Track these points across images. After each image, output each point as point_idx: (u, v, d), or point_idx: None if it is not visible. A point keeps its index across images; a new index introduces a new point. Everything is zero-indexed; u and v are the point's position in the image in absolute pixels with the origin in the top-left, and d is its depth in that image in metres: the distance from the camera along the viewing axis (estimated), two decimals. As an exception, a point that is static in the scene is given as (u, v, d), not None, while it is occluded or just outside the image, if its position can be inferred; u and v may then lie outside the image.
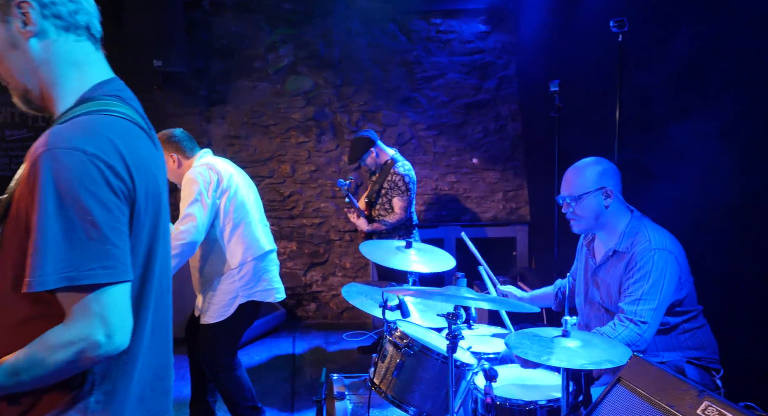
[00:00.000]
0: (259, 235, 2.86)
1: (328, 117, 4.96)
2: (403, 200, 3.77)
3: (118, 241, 0.97)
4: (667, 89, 2.81)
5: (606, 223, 2.09)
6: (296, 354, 4.36)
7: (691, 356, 2.01)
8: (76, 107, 1.06)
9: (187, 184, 2.66)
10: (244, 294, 2.77)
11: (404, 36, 4.88)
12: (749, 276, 2.35)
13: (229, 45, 4.80)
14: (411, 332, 2.09)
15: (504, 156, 5.00)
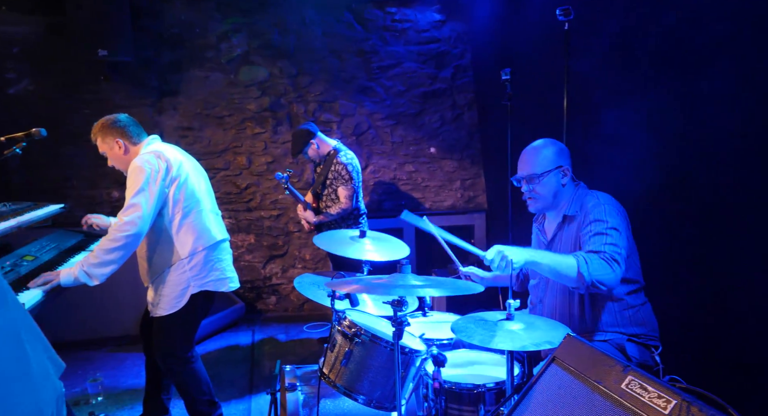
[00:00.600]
0: (211, 224, 2.80)
1: (284, 107, 4.89)
2: (348, 189, 3.77)
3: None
4: (605, 75, 2.87)
5: (561, 201, 2.16)
6: (255, 348, 4.31)
7: (632, 333, 2.08)
8: None
9: (133, 173, 2.56)
10: (195, 284, 2.71)
11: (360, 25, 4.85)
12: (685, 255, 2.44)
13: (179, 34, 4.67)
14: (360, 321, 2.09)
15: (461, 145, 5.04)
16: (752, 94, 2.09)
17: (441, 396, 1.98)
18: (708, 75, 2.27)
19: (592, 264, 1.90)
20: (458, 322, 1.89)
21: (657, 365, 2.06)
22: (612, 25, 2.81)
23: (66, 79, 4.52)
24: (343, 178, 3.76)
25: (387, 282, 1.80)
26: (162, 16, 4.61)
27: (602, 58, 2.89)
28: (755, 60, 2.07)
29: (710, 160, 2.31)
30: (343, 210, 3.80)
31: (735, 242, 2.20)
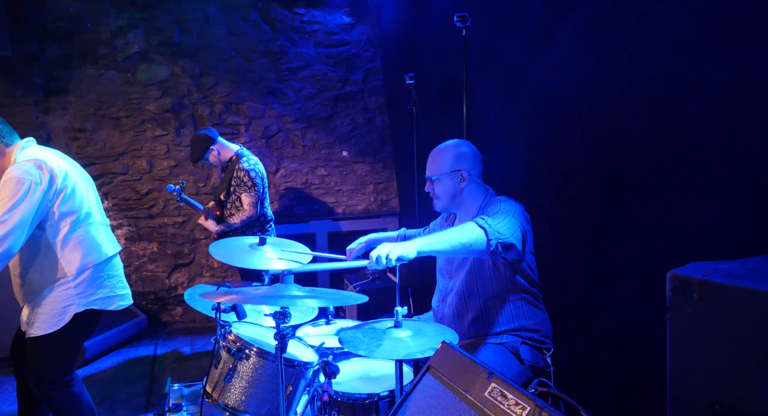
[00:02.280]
0: (101, 238, 2.55)
1: (188, 108, 4.66)
2: (251, 196, 3.61)
3: None
4: (504, 81, 2.93)
5: (462, 203, 2.16)
6: (156, 363, 4.05)
7: (527, 337, 2.10)
8: None
9: (9, 184, 2.26)
10: (80, 302, 2.45)
11: (267, 25, 4.71)
12: (577, 258, 2.52)
13: (67, 27, 4.32)
14: (246, 334, 1.98)
15: (373, 148, 5.02)
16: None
17: (333, 408, 1.92)
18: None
19: (488, 219, 1.89)
20: (346, 333, 1.83)
21: (548, 367, 2.09)
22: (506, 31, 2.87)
23: (-67, 74, 4.06)
24: (245, 185, 3.60)
25: (267, 293, 1.71)
26: (46, 7, 4.25)
27: (495, 62, 2.95)
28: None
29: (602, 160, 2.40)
30: (248, 218, 3.65)
31: (617, 242, 2.29)
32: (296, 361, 1.91)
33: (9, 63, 4.16)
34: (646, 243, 2.09)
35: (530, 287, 2.11)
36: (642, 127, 2.09)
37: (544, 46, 2.61)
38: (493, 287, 2.08)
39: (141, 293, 4.74)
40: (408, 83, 3.49)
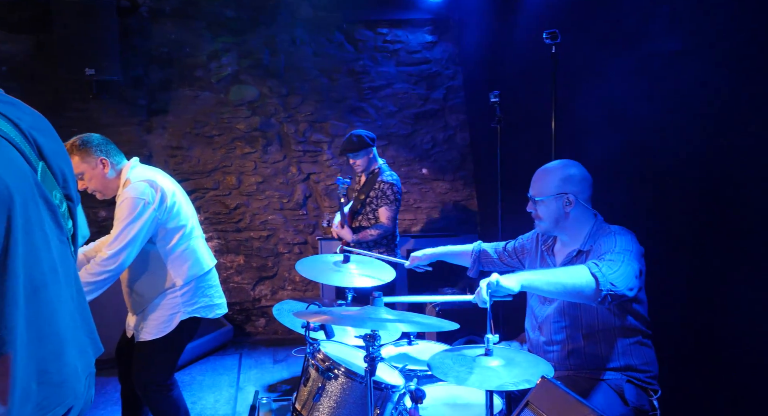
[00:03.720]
0: (202, 252, 2.75)
1: (275, 127, 4.85)
2: (391, 210, 3.61)
3: None
4: (597, 100, 2.82)
5: (567, 228, 2.06)
6: (241, 373, 4.20)
7: (633, 376, 1.97)
8: None
9: (126, 203, 2.47)
10: (185, 310, 2.64)
11: (351, 45, 4.83)
12: (687, 291, 2.34)
13: (169, 53, 4.65)
14: (334, 354, 2.00)
15: (453, 166, 4.99)
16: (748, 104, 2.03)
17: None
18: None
19: (603, 266, 1.78)
20: (435, 358, 1.81)
21: (655, 410, 1.95)
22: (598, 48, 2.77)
23: (54, 98, 4.49)
24: (388, 198, 3.60)
25: (357, 315, 1.72)
26: (151, 35, 4.60)
27: (595, 82, 2.85)
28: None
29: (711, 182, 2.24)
30: (384, 231, 3.63)
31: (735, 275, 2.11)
32: (383, 384, 1.91)
33: (118, 87, 4.53)
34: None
35: (639, 324, 1.98)
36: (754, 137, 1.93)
37: (641, 61, 2.49)
38: (598, 321, 1.96)
39: (227, 304, 4.94)
40: (492, 101, 3.43)
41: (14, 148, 1.17)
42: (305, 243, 5.00)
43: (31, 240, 1.18)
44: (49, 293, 1.23)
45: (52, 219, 1.26)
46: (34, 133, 1.25)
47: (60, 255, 1.28)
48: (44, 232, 1.22)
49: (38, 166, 1.24)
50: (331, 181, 4.95)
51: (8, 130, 1.18)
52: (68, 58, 4.04)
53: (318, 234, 4.92)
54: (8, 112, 1.20)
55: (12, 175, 1.15)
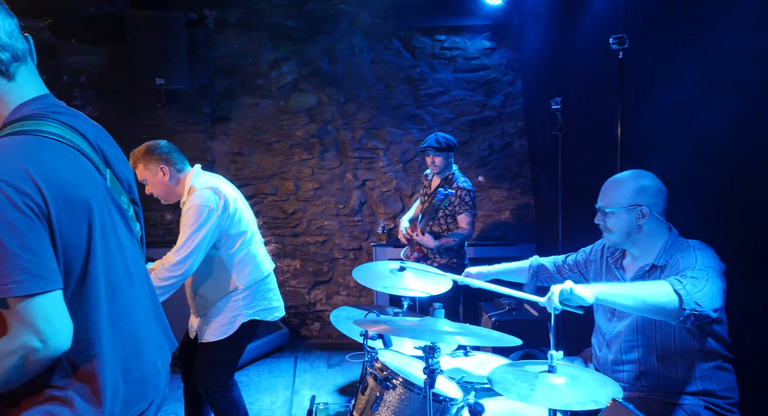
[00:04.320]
0: (262, 257, 2.83)
1: (331, 134, 4.92)
2: (471, 215, 3.64)
3: (30, 255, 1.06)
4: (669, 106, 2.69)
5: (639, 241, 1.97)
6: (296, 376, 4.27)
7: (711, 401, 1.86)
8: (0, 131, 1.18)
9: (192, 210, 2.56)
10: (246, 312, 2.72)
11: (408, 52, 4.84)
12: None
13: (233, 62, 4.81)
14: (392, 363, 2.00)
15: (511, 174, 4.90)
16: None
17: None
18: None
19: (687, 284, 1.69)
20: (496, 372, 1.77)
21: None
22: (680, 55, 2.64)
23: (126, 106, 4.73)
24: (467, 204, 3.63)
25: (417, 326, 1.71)
26: (216, 46, 4.77)
27: (667, 88, 2.72)
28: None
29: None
30: (466, 237, 3.65)
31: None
32: (442, 397, 1.89)
33: (185, 95, 4.73)
34: None
35: (719, 347, 1.87)
36: None
37: (717, 62, 2.36)
38: (675, 341, 1.86)
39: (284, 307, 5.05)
40: (554, 108, 3.36)
41: (86, 158, 1.24)
42: (360, 249, 5.04)
43: (108, 245, 1.24)
44: (126, 294, 1.29)
45: (123, 223, 1.32)
46: (99, 142, 1.32)
47: (132, 257, 1.35)
48: (117, 236, 1.29)
49: (106, 173, 1.31)
50: (386, 188, 4.97)
51: (78, 141, 1.24)
52: (140, 69, 4.25)
53: (373, 240, 4.95)
54: (75, 124, 1.26)
55: (88, 185, 1.21)
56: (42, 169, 1.10)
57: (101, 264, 1.21)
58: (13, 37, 1.19)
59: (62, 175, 1.14)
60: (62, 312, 1.11)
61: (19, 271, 1.04)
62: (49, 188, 1.09)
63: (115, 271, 1.26)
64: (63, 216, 1.12)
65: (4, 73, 1.19)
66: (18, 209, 1.05)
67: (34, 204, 1.07)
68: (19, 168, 1.07)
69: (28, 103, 1.21)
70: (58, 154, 1.17)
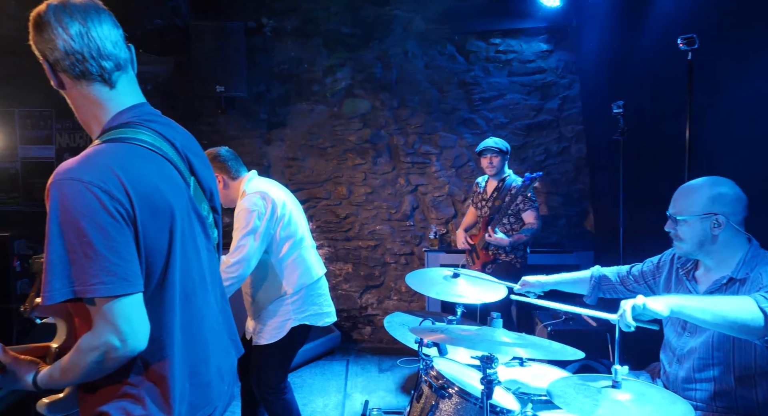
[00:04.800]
0: (312, 261, 2.85)
1: (384, 139, 4.94)
2: (536, 210, 3.79)
3: (117, 259, 1.11)
4: (743, 109, 2.54)
5: (713, 252, 1.87)
6: (348, 379, 4.30)
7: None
8: (99, 137, 1.25)
9: (241, 214, 2.63)
10: (295, 317, 2.75)
11: (462, 56, 4.80)
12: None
13: (289, 69, 4.92)
14: (448, 372, 1.98)
15: (567, 179, 4.76)
16: None
17: (535, 463, 1.81)
18: None
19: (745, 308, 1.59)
20: (556, 384, 1.72)
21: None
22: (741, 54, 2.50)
23: (189, 113, 4.92)
24: (529, 200, 3.75)
25: (474, 336, 1.68)
26: (273, 53, 4.89)
27: (740, 91, 2.58)
28: None
29: None
30: (536, 231, 3.80)
31: None
32: (499, 408, 1.85)
33: (243, 102, 4.87)
34: None
35: None
36: None
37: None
38: (756, 362, 1.74)
39: (336, 310, 5.11)
40: (615, 112, 3.25)
41: (173, 166, 1.29)
42: (411, 254, 5.03)
43: (186, 251, 1.28)
44: (199, 299, 1.33)
45: (202, 230, 1.36)
46: (187, 151, 1.37)
47: (207, 263, 1.38)
48: (195, 243, 1.33)
49: (191, 181, 1.35)
50: (439, 193, 4.94)
51: (167, 149, 1.30)
52: (202, 77, 4.41)
53: (425, 245, 4.93)
54: (165, 131, 1.32)
55: (173, 192, 1.25)
56: (132, 177, 1.15)
57: (179, 270, 1.25)
58: (117, 46, 1.24)
59: (150, 183, 1.19)
60: (142, 313, 1.16)
61: (106, 273, 1.09)
62: (137, 195, 1.15)
63: (191, 277, 1.30)
64: (148, 222, 1.17)
65: (107, 80, 1.24)
66: (110, 214, 1.10)
67: (123, 209, 1.12)
68: (112, 175, 1.13)
69: (126, 111, 1.27)
70: (147, 162, 1.22)
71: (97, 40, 1.21)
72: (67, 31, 1.19)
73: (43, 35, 1.20)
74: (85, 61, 1.21)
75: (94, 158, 1.16)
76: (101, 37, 1.22)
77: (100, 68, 1.22)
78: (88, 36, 1.20)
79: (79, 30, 1.20)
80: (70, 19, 1.19)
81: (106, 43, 1.22)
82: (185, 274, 1.27)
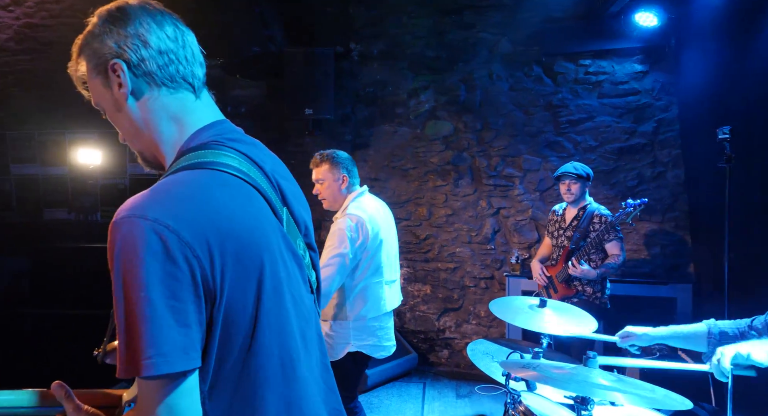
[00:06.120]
0: (383, 296, 2.81)
1: (467, 161, 4.92)
2: (621, 240, 3.50)
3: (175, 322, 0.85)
4: None
5: None
6: (425, 403, 4.25)
7: None
8: (174, 163, 1.02)
9: (336, 234, 2.64)
10: (354, 343, 2.75)
11: (549, 78, 4.70)
12: None
13: (374, 92, 5.03)
14: (537, 408, 1.91)
15: (663, 206, 4.50)
16: None
17: None
18: None
19: None
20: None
21: None
22: None
23: (278, 135, 5.16)
24: (615, 230, 3.49)
25: (568, 376, 1.61)
26: (360, 77, 5.03)
27: None
28: None
29: None
30: (622, 262, 3.51)
31: None
32: (592, 451, 1.75)
33: (330, 124, 5.04)
34: None
35: None
36: None
37: None
38: None
39: (413, 331, 5.10)
40: (721, 138, 3.05)
41: (261, 196, 1.02)
42: (492, 278, 4.93)
43: (282, 305, 0.99)
44: (302, 367, 1.03)
45: (299, 274, 1.08)
46: (277, 176, 1.11)
47: (307, 316, 1.08)
48: (292, 293, 1.03)
49: (283, 213, 1.08)
50: (521, 217, 4.83)
51: (256, 176, 1.03)
52: (293, 100, 4.61)
53: (506, 270, 4.81)
54: (253, 154, 1.06)
55: (263, 231, 0.98)
56: (214, 214, 0.90)
57: (275, 331, 0.96)
58: (203, 64, 1.10)
59: (237, 220, 0.93)
60: (194, 398, 0.88)
61: (164, 342, 0.83)
62: (219, 237, 0.89)
63: (292, 339, 1.01)
64: (230, 273, 0.90)
65: (195, 90, 1.07)
66: (174, 263, 0.85)
67: (194, 257, 0.86)
68: (187, 211, 0.88)
69: (206, 129, 1.05)
70: (234, 195, 0.96)
71: (191, 46, 1.06)
72: (162, 28, 1.02)
73: (127, 28, 0.99)
74: (178, 62, 1.03)
75: (164, 190, 0.91)
76: (193, 44, 1.07)
77: (190, 74, 1.05)
78: (184, 39, 1.04)
79: (174, 31, 1.03)
80: (162, 18, 1.03)
81: (197, 51, 1.08)
82: (284, 336, 0.99)
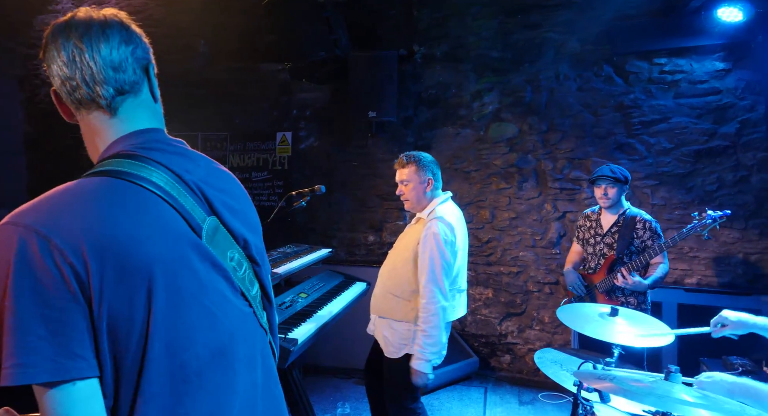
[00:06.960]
0: (454, 304, 2.80)
1: (531, 164, 4.81)
2: (666, 247, 3.31)
3: (46, 332, 0.82)
4: None
5: None
6: (487, 408, 4.19)
7: None
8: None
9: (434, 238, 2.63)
10: (413, 346, 2.71)
11: (620, 78, 4.52)
12: None
13: (436, 94, 5.02)
14: (611, 422, 1.84)
15: (746, 212, 4.23)
16: None
17: None
18: None
19: None
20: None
21: None
22: None
23: (341, 137, 5.24)
24: (658, 236, 3.37)
25: (647, 389, 1.54)
26: (422, 79, 5.03)
27: None
28: None
29: None
30: (668, 270, 3.37)
31: None
32: (672, 470, 1.67)
33: (392, 126, 5.07)
34: None
35: None
36: None
37: None
38: None
39: (474, 335, 5.04)
40: (815, 140, 2.83)
41: (170, 205, 1.00)
42: (556, 283, 4.80)
43: (184, 317, 0.96)
44: (215, 380, 1.00)
45: (227, 285, 1.06)
46: (205, 187, 1.08)
47: (235, 331, 1.05)
48: (205, 305, 1.00)
49: (204, 224, 1.05)
50: (589, 221, 4.67)
51: (167, 185, 1.01)
52: (357, 103, 4.68)
53: (572, 276, 4.67)
54: (173, 163, 1.05)
55: (158, 240, 0.95)
56: (93, 221, 0.89)
57: (165, 345, 0.93)
58: (120, 69, 1.04)
59: (118, 230, 0.91)
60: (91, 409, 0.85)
61: (27, 352, 0.80)
62: (95, 246, 0.87)
63: (193, 352, 0.97)
64: (110, 282, 0.87)
65: (105, 108, 1.05)
66: (45, 269, 0.83)
67: (67, 263, 0.84)
68: (63, 218, 0.87)
69: (122, 140, 1.05)
70: (124, 203, 0.95)
71: (90, 64, 1.02)
72: (60, 54, 1.02)
73: (44, 62, 1.05)
74: (78, 87, 1.03)
75: (48, 197, 0.92)
76: (97, 61, 1.02)
77: (94, 94, 1.03)
78: (81, 59, 1.02)
79: (72, 53, 1.01)
80: (65, 40, 1.02)
81: (103, 67, 1.03)
82: (176, 351, 0.94)
